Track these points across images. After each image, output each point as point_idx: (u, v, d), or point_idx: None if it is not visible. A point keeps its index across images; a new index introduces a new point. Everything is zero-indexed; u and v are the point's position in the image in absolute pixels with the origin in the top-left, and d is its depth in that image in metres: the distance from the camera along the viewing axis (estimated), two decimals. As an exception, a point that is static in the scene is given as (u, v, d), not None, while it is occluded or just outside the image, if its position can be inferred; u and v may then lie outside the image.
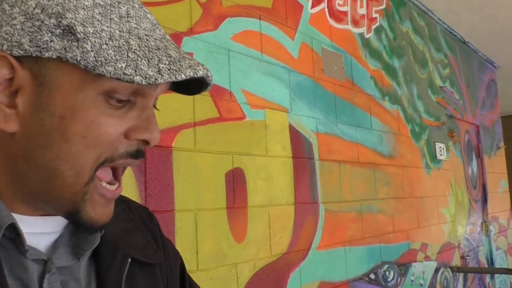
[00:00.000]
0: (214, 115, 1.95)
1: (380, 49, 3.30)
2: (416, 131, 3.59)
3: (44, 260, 0.63)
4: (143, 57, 0.56)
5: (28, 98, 0.58)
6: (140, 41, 0.58)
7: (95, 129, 0.58)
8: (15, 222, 0.59)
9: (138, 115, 0.62)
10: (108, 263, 0.69)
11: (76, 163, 0.59)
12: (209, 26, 2.01)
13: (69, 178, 0.59)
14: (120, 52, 0.56)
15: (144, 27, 0.60)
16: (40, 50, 0.56)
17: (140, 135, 0.62)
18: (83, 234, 0.67)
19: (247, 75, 2.15)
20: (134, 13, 0.61)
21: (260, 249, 2.05)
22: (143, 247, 0.76)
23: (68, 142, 0.58)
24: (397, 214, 3.13)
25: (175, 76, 0.57)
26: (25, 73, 0.57)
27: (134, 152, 0.63)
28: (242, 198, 2.00)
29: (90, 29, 0.55)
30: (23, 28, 0.56)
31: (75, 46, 0.55)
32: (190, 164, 1.81)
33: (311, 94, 2.53)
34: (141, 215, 0.83)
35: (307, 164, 2.41)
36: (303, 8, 2.61)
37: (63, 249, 0.65)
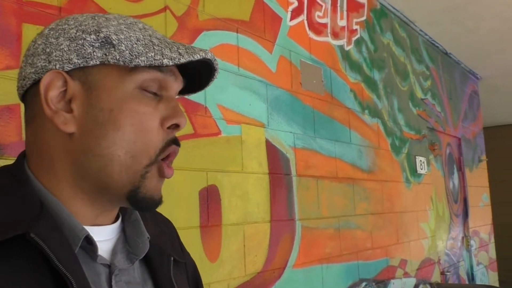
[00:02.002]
0: (189, 131, 1.90)
1: (361, 61, 3.28)
2: (396, 144, 3.57)
3: (108, 265, 0.74)
4: (165, 47, 0.72)
5: (80, 102, 0.71)
6: (159, 40, 0.74)
7: (139, 117, 0.72)
8: (88, 233, 0.70)
9: (166, 105, 0.75)
10: (158, 263, 0.81)
11: (131, 148, 0.71)
12: (185, 39, 1.97)
13: (126, 161, 0.71)
14: (148, 47, 0.71)
15: (158, 34, 0.76)
16: (86, 60, 0.70)
17: (172, 121, 0.74)
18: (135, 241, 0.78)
19: (223, 90, 2.11)
20: (148, 28, 0.77)
21: (234, 268, 2.00)
22: (173, 248, 0.88)
23: (120, 130, 0.70)
24: (376, 230, 3.11)
25: (193, 56, 0.72)
26: (76, 84, 0.71)
27: (173, 139, 0.76)
28: (216, 216, 1.95)
29: (122, 36, 0.71)
30: (69, 48, 0.71)
31: (113, 50, 0.70)
32: (163, 182, 1.75)
33: (289, 108, 2.49)
34: (162, 221, 0.95)
35: (284, 180, 2.37)
36: (282, 21, 2.58)
37: (120, 255, 0.77)
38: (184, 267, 0.90)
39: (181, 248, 0.93)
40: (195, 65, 0.76)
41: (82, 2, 1.61)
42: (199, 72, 0.80)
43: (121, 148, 0.70)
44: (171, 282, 0.80)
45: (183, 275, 0.88)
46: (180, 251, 0.91)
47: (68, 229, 0.69)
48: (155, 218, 0.91)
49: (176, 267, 0.85)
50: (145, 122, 0.72)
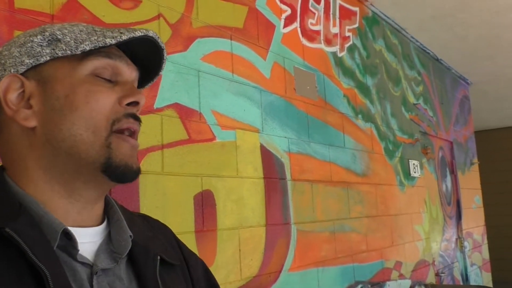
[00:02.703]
0: (183, 137, 1.93)
1: (353, 67, 3.32)
2: (389, 148, 3.61)
3: (90, 265, 0.74)
4: (107, 31, 0.77)
5: (38, 98, 0.75)
6: (100, 28, 0.79)
7: (93, 95, 0.75)
8: (67, 227, 0.71)
9: (122, 88, 0.78)
10: (143, 262, 0.81)
11: (89, 124, 0.73)
12: (179, 47, 2.00)
13: (89, 138, 0.73)
14: (90, 34, 0.76)
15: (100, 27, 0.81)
16: (37, 59, 0.75)
17: (129, 99, 0.77)
18: (118, 241, 0.79)
19: (217, 96, 2.13)
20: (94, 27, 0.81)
21: (230, 272, 2.02)
22: (165, 250, 0.87)
23: (78, 110, 0.73)
24: (371, 233, 3.13)
25: (134, 33, 0.76)
26: (31, 82, 0.75)
27: (132, 113, 0.78)
28: (211, 221, 1.97)
29: (65, 31, 0.77)
30: (20, 53, 0.76)
31: (59, 43, 0.75)
32: (157, 188, 1.78)
33: (283, 113, 2.52)
34: (157, 226, 0.97)
35: (279, 185, 2.40)
36: (275, 28, 2.61)
37: (103, 255, 0.77)
38: (179, 269, 0.89)
39: (181, 252, 0.94)
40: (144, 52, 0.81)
41: (75, 10, 1.63)
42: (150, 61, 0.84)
43: (81, 127, 0.73)
44: (156, 281, 0.80)
45: (178, 277, 0.87)
46: (175, 254, 0.90)
47: (46, 226, 0.70)
48: (149, 224, 0.92)
49: (167, 268, 0.84)
50: (100, 98, 0.75)
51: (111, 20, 1.74)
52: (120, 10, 1.79)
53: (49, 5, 1.56)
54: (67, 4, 1.61)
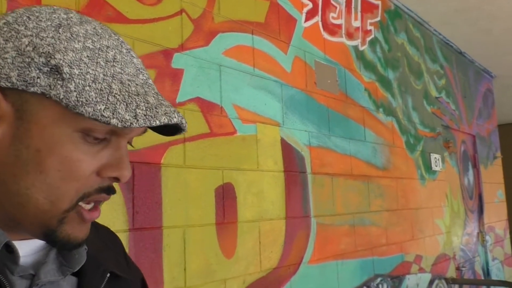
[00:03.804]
0: (205, 131, 1.96)
1: (375, 61, 3.31)
2: (411, 142, 3.59)
3: (32, 275, 0.66)
4: (122, 101, 0.61)
5: (7, 128, 0.62)
6: (122, 86, 0.62)
7: (69, 165, 0.62)
8: (9, 240, 0.63)
9: (111, 153, 0.66)
10: (89, 278, 0.73)
11: (52, 193, 0.63)
12: (201, 42, 2.02)
13: (44, 206, 0.63)
14: (101, 95, 0.60)
15: (128, 72, 0.65)
16: (26, 85, 0.60)
17: (111, 173, 0.66)
18: (70, 253, 0.71)
19: (238, 90, 2.16)
20: (121, 58, 0.65)
21: (250, 264, 2.05)
22: (117, 263, 0.81)
23: (43, 174, 0.62)
24: (391, 227, 3.13)
25: (150, 122, 0.61)
26: (7, 106, 0.61)
27: (106, 188, 0.67)
28: (232, 213, 2.01)
29: (76, 71, 0.60)
30: (13, 62, 0.60)
31: (59, 85, 0.59)
32: (179, 180, 1.81)
33: (304, 107, 2.53)
34: (107, 235, 0.88)
35: (299, 178, 2.42)
36: (297, 22, 2.62)
37: (50, 265, 0.69)
38: (128, 283, 0.83)
39: (127, 263, 0.88)
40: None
41: (99, 6, 1.66)
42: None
43: (40, 192, 0.62)
44: None
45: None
46: (126, 266, 0.85)
47: None
48: (98, 232, 0.84)
49: (115, 282, 0.78)
50: (75, 170, 0.63)
51: (134, 16, 1.77)
52: (143, 6, 1.82)
53: (74, 2, 1.59)
54: (92, 1, 1.64)
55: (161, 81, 1.82)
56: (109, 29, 0.68)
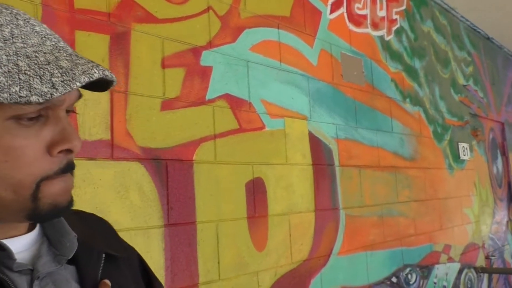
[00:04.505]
0: (234, 127, 1.99)
1: (401, 50, 3.29)
2: (438, 132, 3.57)
3: (31, 270, 0.67)
4: (34, 76, 0.58)
5: None
6: (29, 60, 0.60)
7: (13, 153, 0.61)
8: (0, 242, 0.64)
9: (53, 128, 0.64)
10: (85, 263, 0.74)
11: (9, 184, 0.62)
12: (228, 38, 2.05)
13: (8, 197, 0.63)
14: (11, 77, 0.57)
15: (32, 43, 0.61)
16: None
17: (61, 147, 0.64)
18: (60, 242, 0.72)
19: (266, 85, 2.18)
20: (19, 32, 0.62)
21: (281, 256, 2.08)
22: (108, 244, 0.81)
23: None
24: (419, 217, 3.13)
25: (70, 86, 0.59)
26: None
27: (65, 167, 0.66)
28: (262, 207, 2.04)
29: None
30: None
31: None
32: (210, 176, 1.85)
33: (331, 100, 2.54)
34: (94, 221, 0.89)
35: (327, 171, 2.44)
36: (322, 14, 2.62)
37: (45, 258, 0.70)
38: (124, 261, 0.84)
39: (120, 244, 0.88)
40: None
41: (129, 7, 1.70)
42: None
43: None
44: (96, 281, 0.74)
45: (124, 269, 0.82)
46: (116, 245, 0.85)
47: None
48: (84, 221, 0.84)
49: (111, 263, 0.78)
50: (22, 157, 0.61)
51: (163, 15, 1.80)
52: (171, 5, 1.85)
53: (105, 4, 1.63)
54: (122, 2, 1.68)
55: (191, 79, 1.85)
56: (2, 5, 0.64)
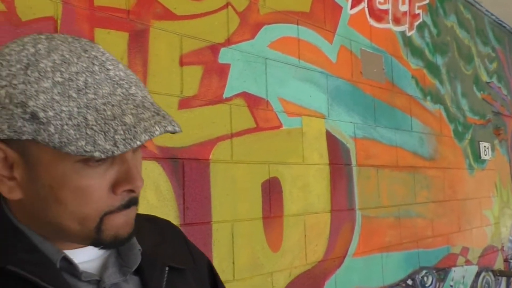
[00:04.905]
0: (251, 125, 1.97)
1: (423, 46, 3.22)
2: (459, 130, 3.50)
3: (97, 280, 0.73)
4: (99, 132, 0.62)
5: (22, 171, 0.67)
6: (97, 114, 0.63)
7: (81, 192, 0.67)
8: (65, 254, 0.70)
9: (118, 169, 0.69)
10: (149, 275, 0.78)
11: (77, 217, 0.68)
12: (247, 35, 2.02)
13: (76, 227, 0.69)
14: (79, 130, 0.62)
15: (102, 94, 0.65)
16: (18, 134, 0.63)
17: (124, 187, 0.69)
18: (127, 254, 0.77)
19: (284, 83, 2.15)
20: (92, 81, 0.65)
21: (296, 257, 2.07)
22: (174, 255, 0.85)
23: (63, 205, 0.67)
24: (437, 218, 3.08)
25: (130, 145, 0.63)
26: (13, 153, 0.66)
27: (127, 203, 0.71)
28: (278, 207, 2.02)
29: (51, 113, 0.62)
30: (1, 115, 0.63)
31: (42, 129, 0.62)
32: (227, 176, 1.84)
33: (349, 98, 2.50)
34: (166, 228, 0.94)
35: (344, 170, 2.40)
36: (342, 10, 2.57)
37: (112, 269, 0.75)
38: (189, 272, 0.87)
39: (190, 252, 0.93)
40: None
41: (148, 4, 1.68)
42: None
43: (68, 219, 0.68)
44: None
45: (187, 281, 0.86)
46: (183, 256, 0.89)
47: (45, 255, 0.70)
48: (156, 227, 0.90)
49: (176, 274, 0.82)
50: (89, 195, 0.68)
51: (182, 12, 1.78)
52: (190, 1, 1.83)
53: (125, 1, 1.61)
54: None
55: (209, 77, 1.83)
56: (80, 46, 0.67)
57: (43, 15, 1.39)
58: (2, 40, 1.28)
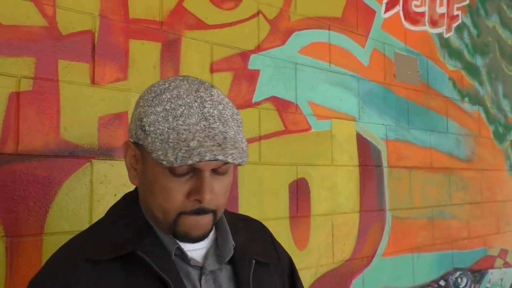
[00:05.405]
0: (279, 128, 2.05)
1: (461, 48, 3.19)
2: (500, 132, 3.45)
3: (200, 267, 0.97)
4: (172, 148, 0.86)
5: (140, 165, 0.97)
6: (177, 135, 0.87)
7: (165, 192, 0.92)
8: (179, 245, 0.95)
9: (195, 183, 0.91)
10: (240, 267, 1.01)
11: (161, 210, 0.94)
12: (277, 41, 2.10)
13: (161, 217, 0.95)
14: (162, 144, 0.87)
15: (188, 122, 0.88)
16: (138, 138, 0.93)
17: (194, 196, 0.91)
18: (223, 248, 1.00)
19: (314, 87, 2.21)
20: (187, 113, 0.89)
21: (322, 256, 2.13)
22: (261, 252, 1.08)
23: (153, 196, 0.94)
24: (474, 220, 3.06)
25: (185, 162, 0.84)
26: (137, 151, 0.96)
27: (197, 210, 0.92)
28: (305, 207, 2.09)
29: (152, 128, 0.89)
30: (135, 125, 0.94)
31: (146, 138, 0.90)
32: (254, 177, 1.93)
33: (382, 101, 2.54)
34: (257, 228, 1.17)
35: (375, 172, 2.44)
36: (376, 14, 2.60)
37: (211, 258, 0.99)
38: (272, 267, 1.09)
39: (275, 250, 1.15)
40: None
41: (180, 15, 1.79)
42: None
43: (156, 209, 0.95)
44: (248, 283, 0.99)
45: (271, 273, 1.08)
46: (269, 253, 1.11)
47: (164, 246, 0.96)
48: (249, 226, 1.13)
49: (261, 267, 1.04)
50: (170, 194, 0.92)
51: (213, 21, 1.88)
52: (221, 11, 1.92)
53: (158, 13, 1.73)
54: (174, 11, 1.78)
55: (238, 82, 1.93)
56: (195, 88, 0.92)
57: (82, 29, 1.52)
58: (45, 53, 1.43)
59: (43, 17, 1.45)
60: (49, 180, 1.41)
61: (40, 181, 1.39)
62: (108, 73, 1.57)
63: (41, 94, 1.42)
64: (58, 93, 1.46)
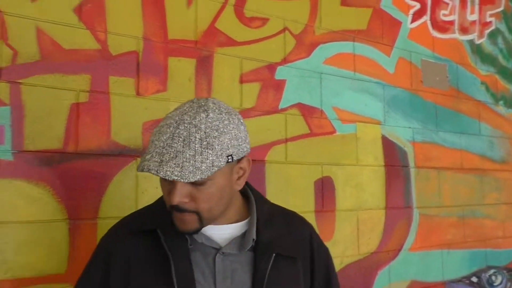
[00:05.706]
0: (305, 131, 2.25)
1: (495, 53, 3.27)
2: (539, 134, 3.46)
3: (217, 249, 1.14)
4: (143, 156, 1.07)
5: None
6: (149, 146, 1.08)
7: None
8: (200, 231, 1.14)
9: (170, 188, 1.09)
10: (260, 257, 1.14)
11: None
12: (302, 54, 2.31)
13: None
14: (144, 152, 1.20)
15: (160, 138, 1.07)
16: None
17: (166, 198, 1.13)
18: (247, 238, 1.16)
19: (338, 94, 2.39)
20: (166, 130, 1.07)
21: (348, 248, 2.31)
22: (288, 246, 1.19)
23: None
24: (509, 220, 3.11)
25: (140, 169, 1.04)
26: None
27: (170, 208, 1.11)
28: (330, 203, 2.28)
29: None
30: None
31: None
32: (281, 174, 2.15)
33: (408, 106, 2.66)
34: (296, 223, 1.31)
35: (401, 172, 2.57)
36: (401, 25, 2.74)
37: (233, 244, 1.15)
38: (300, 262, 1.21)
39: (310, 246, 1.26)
40: None
41: (213, 35, 2.04)
42: None
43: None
44: (264, 272, 1.13)
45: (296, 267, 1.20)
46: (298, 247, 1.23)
47: None
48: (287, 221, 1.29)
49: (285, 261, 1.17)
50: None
51: (243, 38, 2.13)
52: (250, 29, 2.16)
53: (193, 34, 2.01)
54: (207, 31, 2.04)
55: (266, 91, 2.16)
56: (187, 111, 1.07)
57: (128, 49, 1.81)
58: (98, 70, 1.73)
59: (97, 42, 1.75)
60: (102, 174, 1.70)
61: (95, 175, 1.68)
62: (150, 86, 1.84)
63: (96, 105, 1.71)
64: (109, 103, 1.74)
